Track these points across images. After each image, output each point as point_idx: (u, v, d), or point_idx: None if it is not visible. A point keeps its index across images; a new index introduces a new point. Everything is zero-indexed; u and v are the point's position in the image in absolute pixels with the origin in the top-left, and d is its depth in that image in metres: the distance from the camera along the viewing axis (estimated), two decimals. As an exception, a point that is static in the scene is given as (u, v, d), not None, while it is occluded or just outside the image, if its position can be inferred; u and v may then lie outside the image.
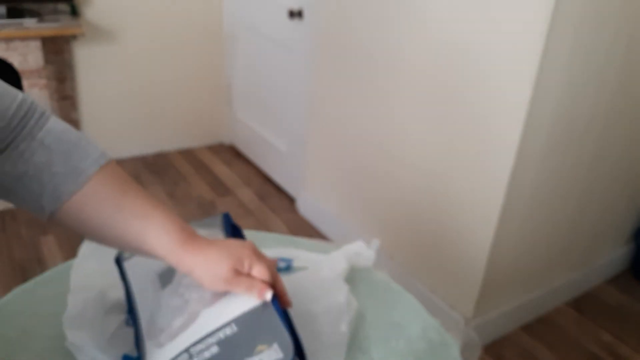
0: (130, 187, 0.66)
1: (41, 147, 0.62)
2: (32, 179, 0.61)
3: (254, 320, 0.63)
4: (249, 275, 0.65)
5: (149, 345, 0.66)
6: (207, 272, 0.64)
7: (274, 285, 0.67)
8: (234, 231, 0.79)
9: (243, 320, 0.63)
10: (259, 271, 0.65)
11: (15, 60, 2.32)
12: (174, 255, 0.64)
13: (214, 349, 0.61)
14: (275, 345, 0.60)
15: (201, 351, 0.61)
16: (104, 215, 0.63)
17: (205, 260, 0.64)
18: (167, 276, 0.73)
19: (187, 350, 0.62)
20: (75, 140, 0.65)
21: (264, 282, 0.65)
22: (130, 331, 0.74)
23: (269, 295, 0.64)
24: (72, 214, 0.63)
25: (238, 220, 2.73)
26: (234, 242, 0.68)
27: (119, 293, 0.80)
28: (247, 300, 0.64)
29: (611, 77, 1.64)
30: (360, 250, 0.92)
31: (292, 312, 0.72)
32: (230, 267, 0.64)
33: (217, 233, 0.78)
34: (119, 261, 0.78)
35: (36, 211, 0.63)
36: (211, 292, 0.67)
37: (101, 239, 0.66)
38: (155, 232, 0.64)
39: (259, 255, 0.67)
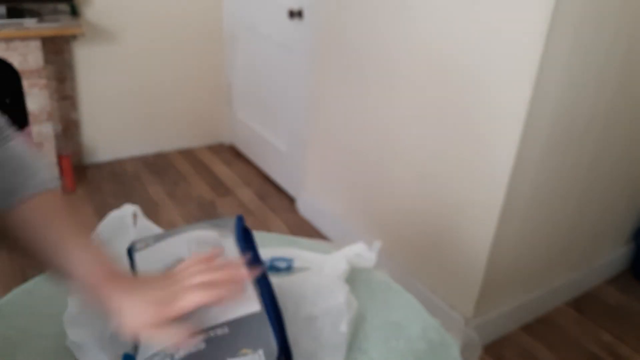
0: (63, 219, 0.65)
1: None
2: None
3: (246, 325, 0.65)
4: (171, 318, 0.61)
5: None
6: (132, 318, 0.60)
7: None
8: (245, 235, 0.80)
9: (236, 324, 0.65)
10: (182, 306, 0.61)
11: (15, 60, 2.32)
12: (98, 296, 0.61)
13: (201, 345, 0.62)
14: (260, 352, 0.62)
15: (189, 345, 0.63)
16: (36, 238, 0.63)
17: (130, 306, 0.60)
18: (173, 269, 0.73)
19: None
20: (28, 163, 0.65)
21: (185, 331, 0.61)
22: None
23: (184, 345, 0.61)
24: (7, 229, 0.63)
25: (238, 220, 2.68)
26: (154, 283, 0.64)
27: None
28: (245, 305, 0.66)
29: (611, 77, 1.64)
30: (362, 252, 0.92)
31: (292, 313, 0.72)
32: (154, 311, 0.60)
33: (228, 236, 0.78)
34: (130, 252, 0.79)
35: None
36: None
37: (32, 257, 0.64)
38: (83, 267, 0.62)
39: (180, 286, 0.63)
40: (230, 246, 0.77)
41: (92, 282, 0.61)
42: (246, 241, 0.77)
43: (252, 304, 0.66)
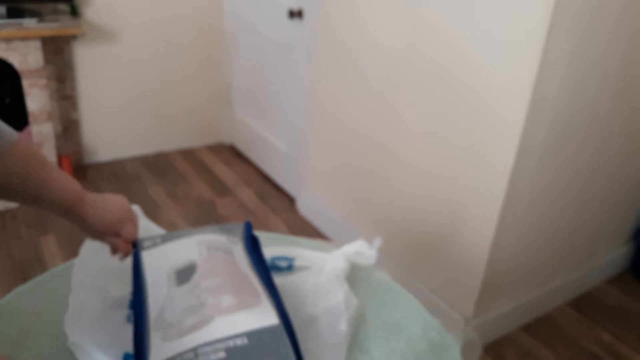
0: (36, 158, 0.77)
1: None
2: None
3: (266, 338, 0.64)
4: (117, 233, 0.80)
5: (153, 337, 0.66)
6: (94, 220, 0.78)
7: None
8: (253, 242, 0.80)
9: (255, 336, 0.64)
10: (128, 231, 0.81)
11: (15, 60, 2.32)
12: (74, 208, 0.77)
13: (221, 354, 0.61)
14: None
15: (207, 353, 0.62)
16: (16, 182, 0.74)
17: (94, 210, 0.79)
18: (184, 274, 0.73)
19: (194, 349, 0.62)
20: None
21: (127, 244, 0.80)
22: (131, 330, 0.74)
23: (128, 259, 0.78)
24: None
25: (238, 220, 2.74)
26: (113, 200, 0.83)
27: (119, 292, 0.80)
28: (263, 317, 0.66)
29: (611, 77, 1.64)
30: (362, 249, 0.92)
31: (292, 313, 0.72)
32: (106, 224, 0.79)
33: (237, 242, 0.79)
34: (135, 246, 0.79)
35: None
36: (228, 301, 0.68)
37: (18, 198, 0.77)
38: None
39: (130, 216, 0.83)
40: (239, 252, 0.77)
41: (69, 204, 0.77)
42: (254, 249, 0.77)
43: (270, 317, 0.66)
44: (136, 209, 0.89)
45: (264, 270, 0.76)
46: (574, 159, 1.71)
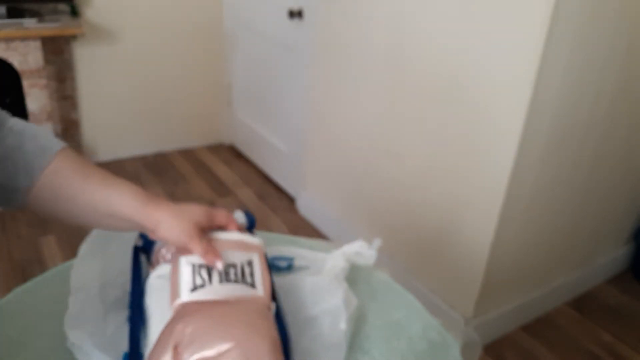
0: (90, 163, 0.73)
1: (11, 132, 0.68)
2: (6, 160, 0.66)
3: None
4: (208, 237, 0.72)
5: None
6: (173, 227, 0.69)
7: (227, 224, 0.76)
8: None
9: None
10: (222, 218, 0.75)
11: (15, 60, 2.32)
12: (141, 210, 0.69)
13: None
14: None
15: None
16: (73, 184, 0.69)
17: (170, 215, 0.70)
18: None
19: None
20: (38, 128, 0.72)
21: (216, 250, 0.71)
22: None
23: (219, 264, 0.69)
24: (45, 189, 0.68)
25: (238, 220, 2.68)
26: (193, 205, 0.74)
27: (119, 291, 0.80)
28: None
29: (611, 78, 1.64)
30: (362, 250, 0.92)
31: (292, 313, 0.72)
32: (194, 223, 0.71)
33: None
34: (136, 250, 0.79)
35: (12, 194, 0.67)
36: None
37: (72, 212, 0.70)
38: (121, 193, 0.70)
39: (214, 211, 0.75)
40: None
41: (137, 205, 0.70)
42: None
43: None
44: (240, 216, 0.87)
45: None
46: (574, 159, 1.71)
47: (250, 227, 0.82)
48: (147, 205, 0.70)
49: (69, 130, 2.85)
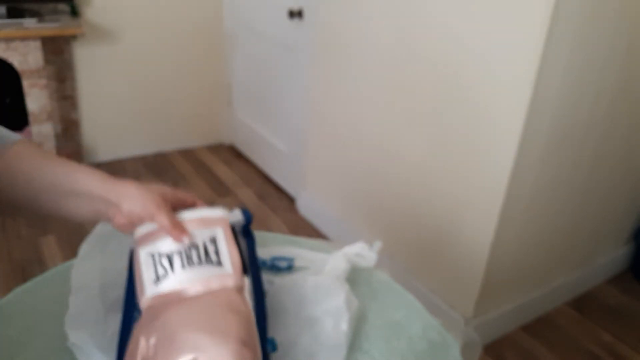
0: (50, 152, 0.74)
1: None
2: None
3: None
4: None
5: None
6: (139, 197, 0.69)
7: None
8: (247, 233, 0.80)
9: None
10: (187, 198, 0.74)
11: (15, 60, 2.32)
12: (105, 184, 0.70)
13: None
14: None
15: None
16: (34, 166, 0.69)
17: (136, 188, 0.70)
18: None
19: None
20: None
21: (182, 225, 0.69)
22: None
23: (186, 240, 0.68)
24: (3, 173, 0.69)
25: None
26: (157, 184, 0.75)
27: (119, 291, 0.80)
28: None
29: (611, 78, 1.64)
30: (362, 252, 0.92)
31: (293, 313, 0.72)
32: (161, 195, 0.70)
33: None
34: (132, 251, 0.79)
35: None
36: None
37: (30, 194, 0.70)
38: (83, 170, 0.70)
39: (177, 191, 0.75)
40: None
41: (101, 179, 0.69)
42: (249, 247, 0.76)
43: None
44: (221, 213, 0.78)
45: (255, 269, 0.74)
46: (574, 159, 1.71)
47: (247, 224, 0.81)
48: (111, 180, 0.70)
49: (69, 130, 2.85)
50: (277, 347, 0.72)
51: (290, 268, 0.95)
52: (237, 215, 0.81)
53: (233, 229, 0.73)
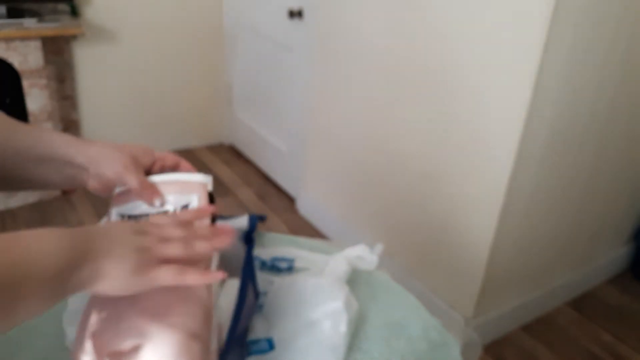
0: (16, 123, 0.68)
1: None
2: None
3: None
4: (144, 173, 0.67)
5: None
6: (107, 159, 0.65)
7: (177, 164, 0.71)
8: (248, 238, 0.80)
9: None
10: (169, 160, 0.70)
11: (15, 60, 2.32)
12: (75, 146, 0.66)
13: None
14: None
15: None
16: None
17: (107, 148, 0.66)
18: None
19: None
20: None
21: (154, 186, 0.66)
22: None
23: (157, 202, 0.65)
24: None
25: (238, 220, 2.67)
26: (136, 144, 0.70)
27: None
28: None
29: (611, 77, 1.64)
30: (363, 254, 0.92)
31: (292, 314, 0.72)
32: (133, 157, 0.66)
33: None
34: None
35: None
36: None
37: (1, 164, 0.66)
38: (52, 134, 0.66)
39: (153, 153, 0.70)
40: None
41: (70, 141, 0.66)
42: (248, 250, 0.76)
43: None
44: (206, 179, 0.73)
45: (250, 272, 0.73)
46: (574, 159, 1.71)
47: (250, 231, 0.81)
48: (77, 142, 0.66)
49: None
50: (274, 346, 0.72)
51: (290, 269, 0.95)
52: (243, 221, 0.81)
53: (211, 197, 0.69)
